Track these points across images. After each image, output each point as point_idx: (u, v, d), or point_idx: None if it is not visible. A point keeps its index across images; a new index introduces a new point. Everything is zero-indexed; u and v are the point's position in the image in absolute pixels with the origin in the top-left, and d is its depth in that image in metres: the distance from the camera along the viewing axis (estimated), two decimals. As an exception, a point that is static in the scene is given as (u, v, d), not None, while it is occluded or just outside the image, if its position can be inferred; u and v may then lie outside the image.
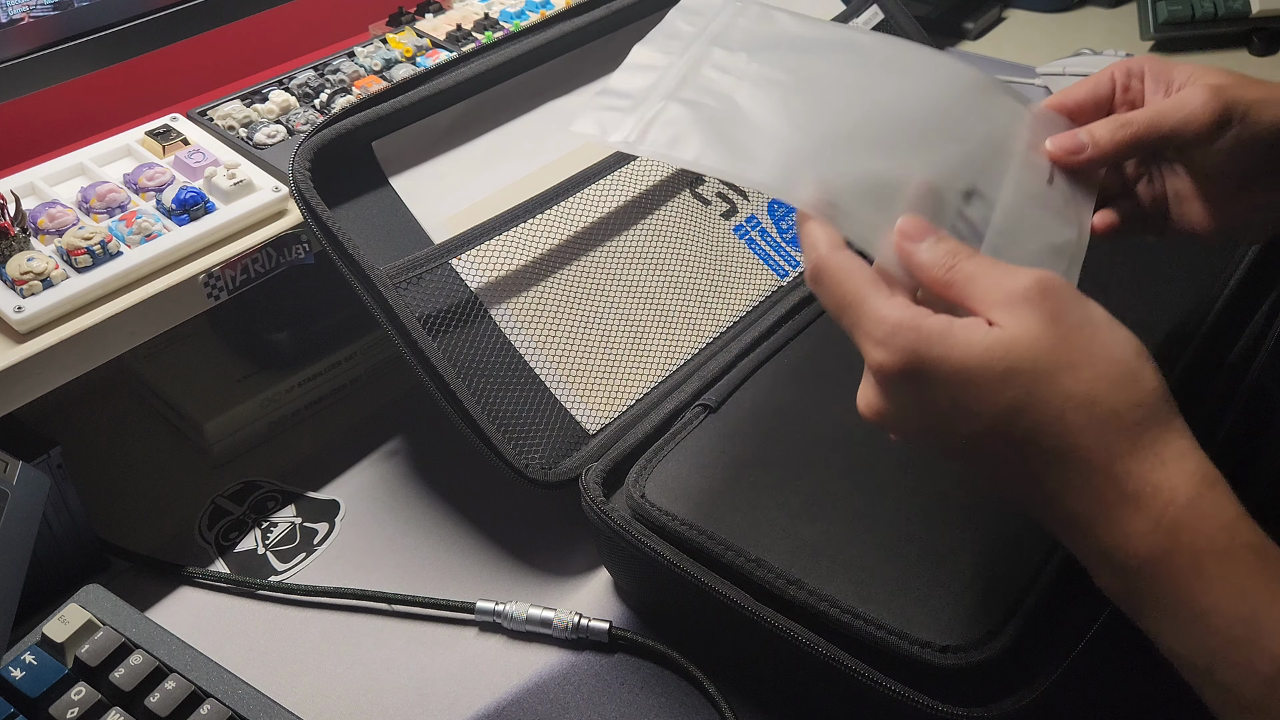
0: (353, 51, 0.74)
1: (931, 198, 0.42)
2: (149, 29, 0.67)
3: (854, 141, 0.43)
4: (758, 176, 0.42)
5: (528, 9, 0.79)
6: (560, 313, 0.61)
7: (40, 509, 0.51)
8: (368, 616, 0.56)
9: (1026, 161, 0.46)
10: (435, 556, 0.59)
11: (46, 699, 0.46)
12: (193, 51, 0.71)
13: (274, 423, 0.67)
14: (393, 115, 0.61)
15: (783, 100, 0.45)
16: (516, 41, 0.66)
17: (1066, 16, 1.10)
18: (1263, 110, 0.45)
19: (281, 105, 0.68)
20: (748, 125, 0.44)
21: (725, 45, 0.48)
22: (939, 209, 0.42)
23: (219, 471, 0.65)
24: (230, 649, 0.53)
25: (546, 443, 0.57)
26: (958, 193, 0.43)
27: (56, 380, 0.54)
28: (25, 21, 0.62)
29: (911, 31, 0.82)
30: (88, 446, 0.66)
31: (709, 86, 0.46)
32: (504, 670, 0.53)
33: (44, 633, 0.48)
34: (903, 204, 0.41)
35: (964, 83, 0.48)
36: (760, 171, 0.42)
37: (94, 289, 0.55)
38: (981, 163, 0.45)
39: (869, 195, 0.41)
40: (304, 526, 0.61)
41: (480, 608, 0.55)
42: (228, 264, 0.59)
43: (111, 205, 0.59)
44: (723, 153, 0.43)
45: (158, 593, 0.58)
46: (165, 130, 0.65)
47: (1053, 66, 0.96)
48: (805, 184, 0.41)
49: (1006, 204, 0.44)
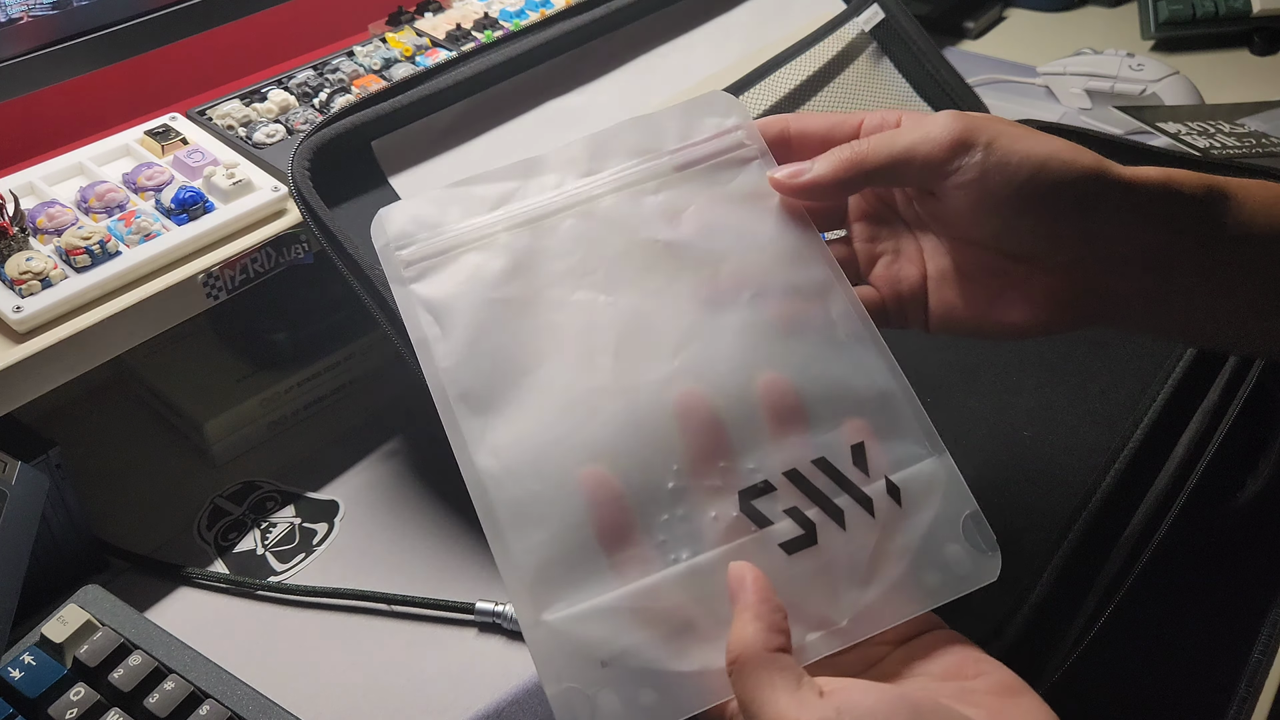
0: (352, 51, 0.74)
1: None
2: (148, 28, 0.67)
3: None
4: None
5: (527, 8, 0.79)
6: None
7: (39, 509, 0.51)
8: (367, 617, 0.56)
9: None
10: (435, 556, 0.59)
11: (45, 699, 0.46)
12: (192, 51, 0.71)
13: (273, 423, 0.67)
14: (392, 115, 0.61)
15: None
16: (516, 41, 0.66)
17: (1067, 16, 1.10)
18: (1013, 142, 0.40)
19: (281, 104, 0.68)
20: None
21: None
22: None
23: (218, 472, 0.65)
24: (229, 649, 0.53)
25: (546, 443, 0.56)
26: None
27: (55, 380, 0.54)
28: (24, 21, 0.62)
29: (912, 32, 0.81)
30: (87, 447, 0.66)
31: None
32: (504, 670, 0.53)
33: (43, 633, 0.48)
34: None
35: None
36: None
37: (93, 289, 0.55)
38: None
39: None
40: (303, 527, 0.61)
41: (480, 608, 0.55)
42: (227, 264, 0.59)
43: (110, 205, 0.59)
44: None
45: (157, 593, 0.57)
46: (164, 130, 0.65)
47: (1054, 66, 0.96)
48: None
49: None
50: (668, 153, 0.45)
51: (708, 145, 0.45)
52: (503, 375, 0.41)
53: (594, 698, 0.36)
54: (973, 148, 0.40)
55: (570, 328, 0.42)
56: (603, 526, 0.38)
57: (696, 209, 0.44)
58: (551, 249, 0.43)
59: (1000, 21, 1.09)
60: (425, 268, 0.43)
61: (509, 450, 0.39)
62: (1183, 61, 0.98)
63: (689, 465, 0.39)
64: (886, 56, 0.81)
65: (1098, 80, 0.93)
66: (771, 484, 0.39)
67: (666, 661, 0.36)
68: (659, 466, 0.39)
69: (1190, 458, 0.53)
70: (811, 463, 0.39)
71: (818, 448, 0.40)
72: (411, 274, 0.43)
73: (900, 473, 0.39)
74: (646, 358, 0.41)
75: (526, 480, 0.39)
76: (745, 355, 0.41)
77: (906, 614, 0.38)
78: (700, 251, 0.43)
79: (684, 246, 0.43)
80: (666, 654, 0.36)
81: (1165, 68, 0.93)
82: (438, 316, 0.42)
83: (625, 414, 0.40)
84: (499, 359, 0.41)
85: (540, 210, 0.44)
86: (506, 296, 0.42)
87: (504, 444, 0.39)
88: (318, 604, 0.57)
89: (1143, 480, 0.53)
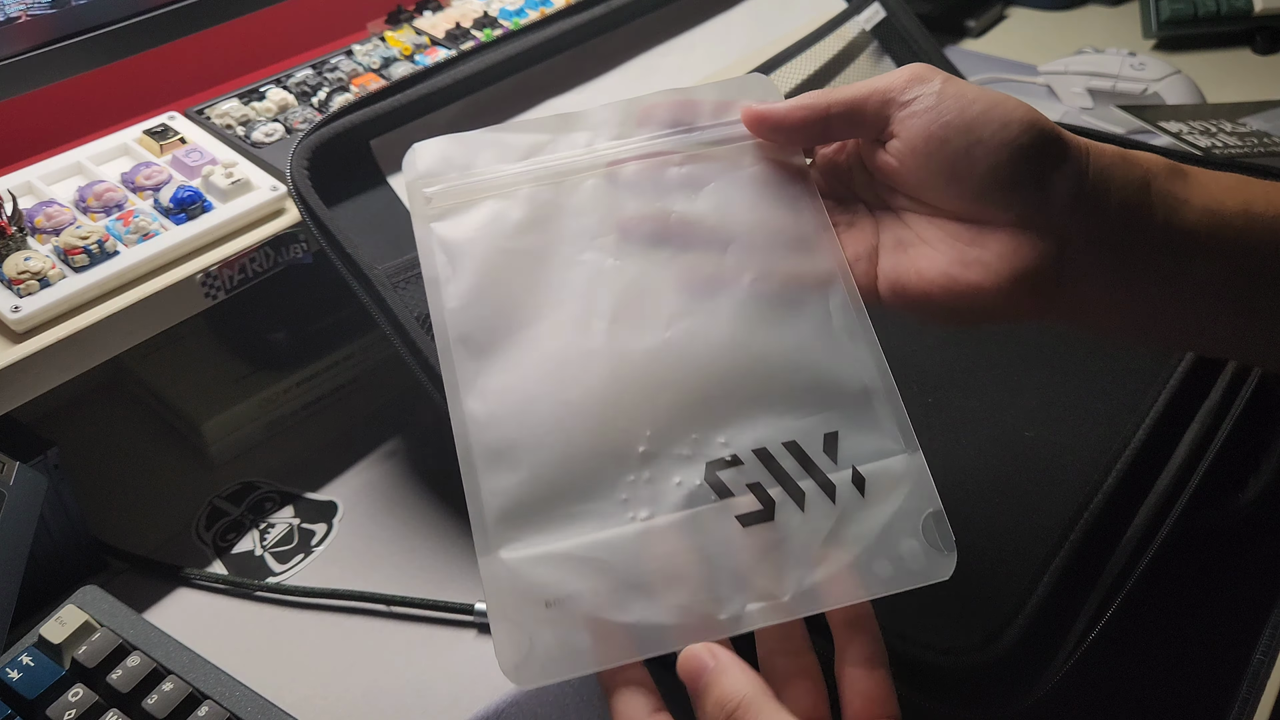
0: (351, 49, 0.74)
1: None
2: (146, 27, 0.66)
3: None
4: None
5: (527, 7, 0.79)
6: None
7: (37, 509, 0.51)
8: (366, 618, 0.56)
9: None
10: (434, 557, 0.59)
11: (44, 700, 0.46)
12: (190, 50, 0.71)
13: (272, 423, 0.67)
14: (391, 113, 0.61)
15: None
16: (516, 39, 0.66)
17: (1069, 15, 1.10)
18: (967, 85, 0.42)
19: (279, 103, 0.68)
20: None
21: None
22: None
23: (217, 472, 0.65)
24: (228, 650, 0.53)
25: (545, 443, 0.56)
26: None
27: (53, 380, 0.54)
28: (22, 20, 0.61)
29: (914, 31, 0.81)
30: (85, 447, 0.66)
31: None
32: (503, 672, 0.53)
33: (41, 634, 0.48)
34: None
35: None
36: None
37: (91, 288, 0.55)
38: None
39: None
40: (302, 528, 0.61)
41: (479, 609, 0.55)
42: (225, 263, 0.58)
43: (109, 204, 0.59)
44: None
45: (155, 594, 0.57)
46: (163, 129, 0.65)
47: (1055, 65, 0.95)
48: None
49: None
50: (699, 128, 0.46)
51: (738, 126, 0.46)
52: (503, 324, 0.42)
53: (533, 635, 0.37)
54: (929, 80, 0.42)
55: (574, 287, 0.43)
56: (569, 480, 0.40)
57: (716, 187, 0.45)
58: (571, 206, 0.45)
59: (1001, 20, 1.09)
60: (447, 208, 0.45)
61: (496, 396, 0.41)
62: (1184, 61, 0.98)
63: (662, 432, 0.40)
64: (888, 55, 0.81)
65: (1099, 79, 0.93)
66: (740, 459, 0.40)
67: (608, 611, 0.38)
68: (633, 431, 0.40)
69: (1192, 458, 0.53)
70: (782, 444, 0.40)
71: (791, 431, 0.40)
72: (433, 211, 0.45)
73: (868, 465, 0.40)
74: (641, 326, 0.42)
75: (507, 427, 0.40)
76: (737, 335, 0.42)
77: (851, 598, 0.38)
78: (711, 229, 0.44)
79: (697, 221, 0.44)
80: (609, 604, 0.38)
81: (1167, 67, 0.93)
82: (451, 257, 0.44)
83: (610, 378, 0.41)
84: (502, 308, 0.43)
85: (567, 166, 0.45)
86: (520, 247, 0.44)
87: (493, 390, 0.41)
88: (316, 605, 0.56)
89: (1144, 480, 0.52)
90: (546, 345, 0.42)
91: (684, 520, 0.39)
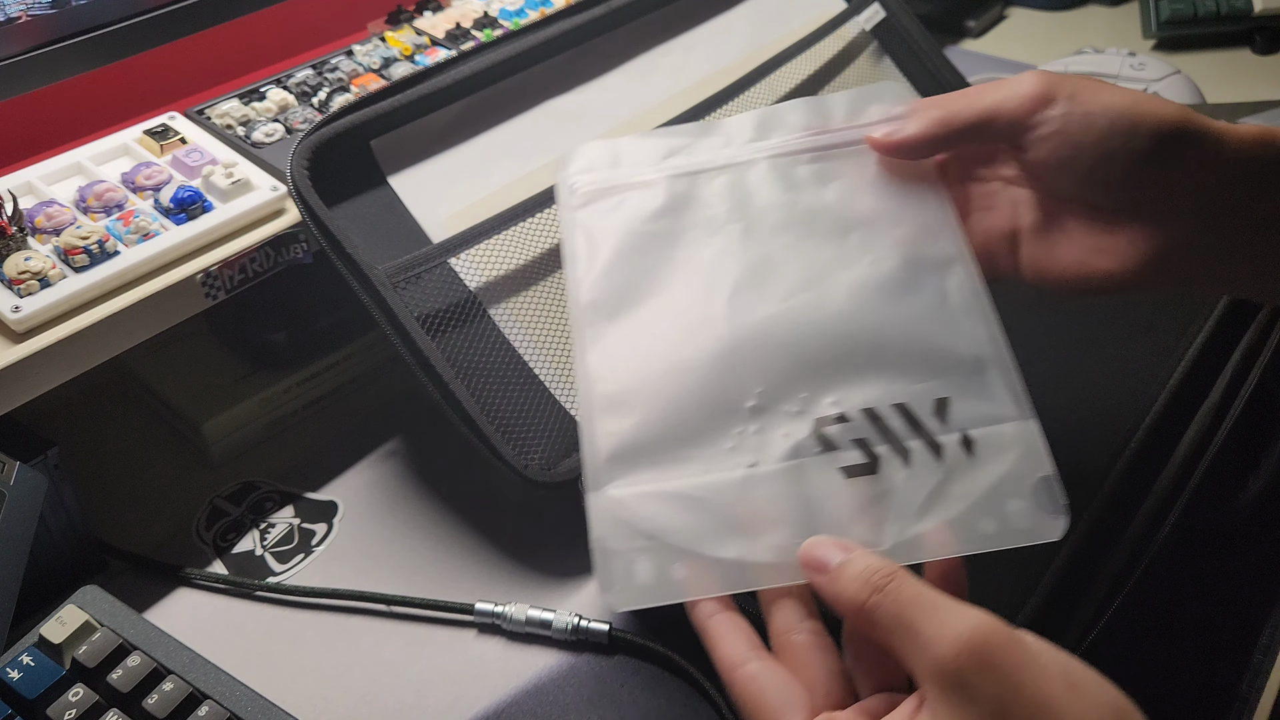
0: (351, 49, 0.74)
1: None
2: (146, 27, 0.66)
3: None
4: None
5: (527, 7, 0.79)
6: (560, 312, 0.60)
7: (37, 509, 0.51)
8: (366, 618, 0.56)
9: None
10: (434, 557, 0.59)
11: (44, 700, 0.46)
12: (190, 50, 0.71)
13: (272, 423, 0.67)
14: (391, 114, 0.61)
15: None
16: (516, 40, 0.66)
17: (1069, 15, 1.10)
18: (1094, 94, 0.42)
19: (279, 104, 0.68)
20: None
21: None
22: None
23: (217, 472, 0.65)
24: (228, 650, 0.53)
25: (546, 443, 0.56)
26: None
27: (54, 380, 0.54)
28: (22, 20, 0.61)
29: (914, 31, 0.81)
30: (85, 447, 0.66)
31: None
32: (503, 672, 0.53)
33: (41, 634, 0.48)
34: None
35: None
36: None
37: (91, 288, 0.55)
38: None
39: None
40: (302, 527, 0.61)
41: (479, 609, 0.55)
42: (226, 263, 0.58)
43: (109, 204, 0.59)
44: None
45: (156, 594, 0.57)
46: (163, 129, 0.65)
47: (1055, 65, 0.95)
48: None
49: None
50: (830, 131, 0.49)
51: (866, 129, 0.48)
52: (630, 294, 0.46)
53: (632, 562, 0.40)
54: (1054, 100, 0.42)
55: (699, 264, 0.46)
56: (679, 426, 0.42)
57: (842, 181, 0.48)
58: (703, 198, 0.48)
59: (1001, 20, 1.09)
60: (591, 197, 0.49)
61: (617, 350, 0.45)
62: (1184, 61, 0.98)
63: (773, 389, 0.43)
64: (888, 55, 0.81)
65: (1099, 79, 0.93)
66: (847, 417, 0.42)
67: (705, 547, 0.40)
68: (744, 386, 0.43)
69: (1192, 457, 0.53)
70: (891, 405, 0.41)
71: (901, 394, 0.42)
72: (578, 201, 0.49)
73: (978, 429, 0.41)
74: (760, 297, 0.45)
75: (624, 378, 0.44)
76: (852, 307, 0.44)
77: (951, 551, 0.39)
78: (835, 217, 0.47)
79: (822, 211, 0.47)
80: (708, 540, 0.40)
81: (1167, 67, 0.93)
82: (589, 239, 0.48)
83: (727, 338, 0.44)
84: (631, 280, 0.46)
85: (702, 165, 0.49)
86: (653, 230, 0.48)
87: (614, 346, 0.45)
88: (317, 605, 0.56)
89: (1145, 479, 0.52)
90: (668, 312, 0.45)
91: (788, 469, 0.41)
